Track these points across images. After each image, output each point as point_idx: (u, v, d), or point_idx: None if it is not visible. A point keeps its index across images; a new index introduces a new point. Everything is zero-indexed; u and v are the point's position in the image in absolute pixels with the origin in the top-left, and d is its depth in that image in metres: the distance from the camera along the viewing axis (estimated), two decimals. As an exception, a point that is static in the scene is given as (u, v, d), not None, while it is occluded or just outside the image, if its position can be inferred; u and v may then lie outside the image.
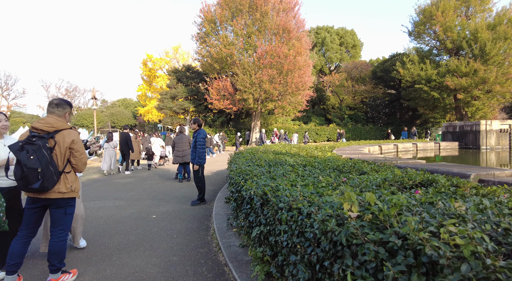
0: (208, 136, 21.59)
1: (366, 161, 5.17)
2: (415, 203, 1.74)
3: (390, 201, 1.66)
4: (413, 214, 1.47)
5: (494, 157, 13.05)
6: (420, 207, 1.60)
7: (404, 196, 1.89)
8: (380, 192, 2.46)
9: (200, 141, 6.04)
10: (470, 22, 25.38)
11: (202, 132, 6.18)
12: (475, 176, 3.47)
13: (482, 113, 25.96)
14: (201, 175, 6.15)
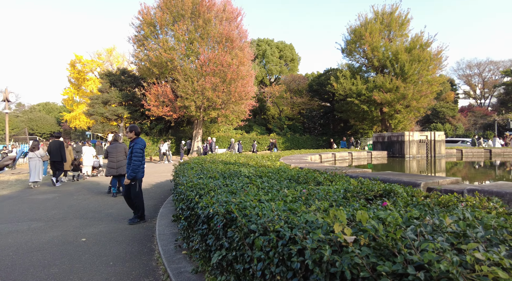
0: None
1: (317, 171, 5.15)
2: (405, 220, 1.60)
3: (385, 220, 1.48)
4: (417, 234, 1.30)
5: (415, 164, 14.59)
6: (422, 227, 1.44)
7: (387, 212, 1.75)
8: (352, 206, 2.32)
9: (137, 152, 5.28)
10: (392, 44, 28.59)
11: (140, 142, 5.41)
12: (424, 184, 3.62)
13: (403, 125, 29.25)
14: (138, 191, 5.41)
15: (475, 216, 1.77)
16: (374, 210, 2.13)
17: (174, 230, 4.39)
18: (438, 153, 16.23)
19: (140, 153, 5.31)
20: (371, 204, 2.56)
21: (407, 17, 29.42)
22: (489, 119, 43.38)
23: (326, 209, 2.00)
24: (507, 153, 16.88)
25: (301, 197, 2.59)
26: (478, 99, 64.56)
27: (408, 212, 2.04)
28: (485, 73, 63.44)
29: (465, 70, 64.39)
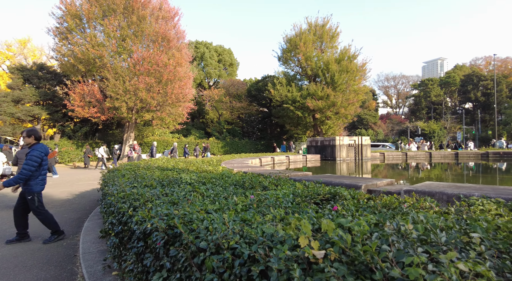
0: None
1: (262, 175, 5.04)
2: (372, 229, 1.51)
3: (352, 228, 1.36)
4: (389, 244, 1.20)
5: (345, 167, 15.71)
6: (393, 235, 1.35)
7: (346, 219, 1.66)
8: (305, 212, 2.21)
9: (32, 160, 4.39)
10: (324, 55, 30.64)
11: (40, 148, 4.51)
12: (365, 186, 3.75)
13: (333, 130, 31.44)
14: (38, 205, 4.54)
15: (426, 218, 1.78)
16: (329, 216, 2.04)
17: (102, 248, 3.82)
18: (364, 156, 17.74)
19: (36, 162, 4.43)
20: (322, 209, 2.50)
21: (337, 30, 31.88)
22: (403, 126, 49.42)
23: (283, 218, 1.84)
24: (418, 155, 19.28)
25: (253, 205, 2.40)
26: (394, 108, 73.27)
27: (362, 216, 2.00)
28: (399, 85, 72.42)
29: (383, 82, 72.59)
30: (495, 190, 2.98)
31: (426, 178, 10.31)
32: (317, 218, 1.78)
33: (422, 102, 57.02)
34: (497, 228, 1.73)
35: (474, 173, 12.10)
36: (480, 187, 3.29)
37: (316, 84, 29.80)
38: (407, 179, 10.26)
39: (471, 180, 9.75)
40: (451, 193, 2.97)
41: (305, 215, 2.03)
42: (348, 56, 30.54)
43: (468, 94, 53.03)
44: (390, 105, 74.12)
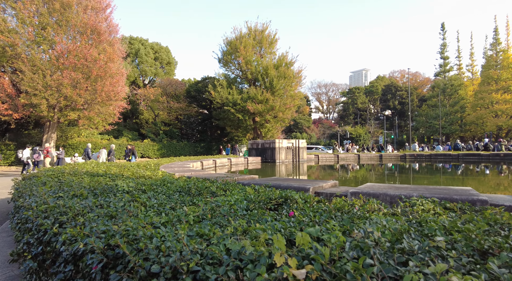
0: None
1: (208, 180, 4.80)
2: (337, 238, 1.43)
3: (328, 240, 1.26)
4: (371, 257, 1.12)
5: (284, 168, 16.20)
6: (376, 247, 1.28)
7: (314, 228, 1.57)
8: (265, 220, 2.08)
9: None
10: (263, 60, 31.35)
11: None
12: (312, 189, 3.79)
13: (271, 133, 32.32)
14: None
15: (385, 223, 1.79)
16: (290, 223, 1.94)
17: (12, 273, 3.15)
18: (301, 158, 18.54)
19: None
20: (279, 215, 2.40)
21: (275, 37, 32.97)
22: (333, 130, 53.30)
23: (246, 230, 1.67)
24: (348, 157, 20.88)
25: (206, 215, 2.18)
26: (325, 113, 78.69)
27: (322, 222, 1.95)
28: (330, 92, 78.05)
29: (316, 89, 77.45)
30: (429, 190, 3.25)
31: (363, 178, 11.14)
32: (285, 229, 1.65)
33: (350, 109, 62.31)
34: (444, 228, 1.82)
35: (399, 173, 13.51)
36: (415, 187, 3.58)
37: (256, 88, 30.31)
38: (346, 180, 10.94)
39: (398, 179, 10.83)
40: (393, 194, 3.15)
41: (265, 224, 1.90)
42: (285, 62, 31.75)
43: (388, 102, 59.70)
44: (321, 111, 79.40)
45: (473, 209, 2.58)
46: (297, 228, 1.73)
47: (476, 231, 1.54)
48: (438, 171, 13.82)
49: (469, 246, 1.30)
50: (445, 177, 11.22)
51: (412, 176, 12.10)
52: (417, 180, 10.64)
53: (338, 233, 1.30)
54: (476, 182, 9.55)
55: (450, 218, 2.32)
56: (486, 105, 41.84)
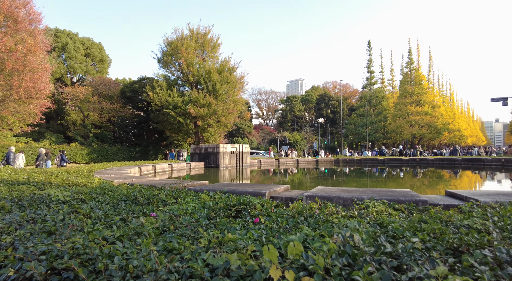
0: None
1: (154, 187, 4.45)
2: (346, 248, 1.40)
3: (320, 249, 1.20)
4: (369, 263, 1.10)
5: (228, 173, 16.09)
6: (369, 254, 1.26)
7: (296, 235, 1.51)
8: (233, 228, 1.96)
9: None
10: (205, 64, 30.91)
11: None
12: (268, 193, 3.77)
13: (213, 138, 31.93)
14: None
15: (361, 224, 1.82)
16: (263, 231, 1.86)
17: None
18: (245, 163, 18.63)
19: None
20: (245, 222, 2.30)
21: (218, 41, 32.86)
22: (273, 136, 54.99)
23: (222, 241, 1.54)
24: (288, 161, 21.68)
25: (168, 227, 1.97)
26: (265, 119, 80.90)
27: (296, 228, 1.91)
28: (269, 100, 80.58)
29: (257, 96, 79.28)
30: (376, 193, 3.48)
31: (309, 181, 11.57)
32: (267, 238, 1.56)
33: (288, 116, 65.10)
34: (408, 228, 1.93)
35: (338, 176, 14.42)
36: (363, 190, 3.80)
37: (198, 91, 29.70)
38: (294, 183, 11.25)
39: (340, 182, 11.53)
40: (346, 197, 3.29)
41: (236, 233, 1.78)
42: (228, 67, 31.80)
43: (321, 110, 63.91)
44: (262, 117, 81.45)
45: (418, 209, 2.82)
46: (273, 236, 1.66)
47: (438, 231, 1.65)
48: (371, 174, 15.16)
49: (441, 245, 1.37)
50: (380, 180, 12.34)
51: (352, 179, 13.04)
52: (357, 182, 11.49)
53: (329, 240, 1.26)
54: (405, 183, 10.69)
55: (402, 218, 2.49)
56: (403, 116, 47.55)
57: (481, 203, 2.72)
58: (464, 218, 2.16)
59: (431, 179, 12.77)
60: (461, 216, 2.26)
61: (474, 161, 18.33)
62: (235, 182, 5.79)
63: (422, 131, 45.52)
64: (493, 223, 2.01)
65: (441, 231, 1.79)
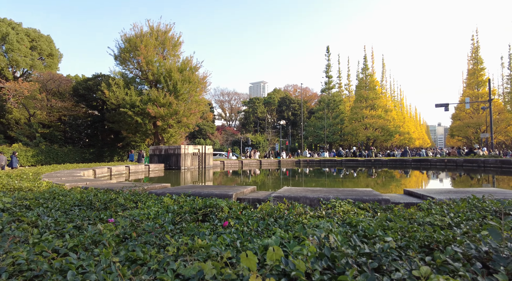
0: None
1: (111, 190, 4.14)
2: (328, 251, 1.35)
3: (300, 253, 1.15)
4: (348, 266, 1.06)
5: (189, 175, 15.68)
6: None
7: (274, 239, 1.44)
8: (202, 233, 1.84)
9: None
10: (166, 62, 29.94)
11: None
12: (235, 195, 3.68)
13: (174, 139, 31.00)
14: None
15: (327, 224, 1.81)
16: (235, 235, 1.77)
17: None
18: (207, 164, 18.31)
19: None
20: (213, 225, 2.19)
21: (179, 39, 32.05)
22: (236, 137, 54.90)
23: (192, 248, 1.42)
24: (252, 163, 21.73)
25: (130, 234, 1.80)
26: (228, 120, 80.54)
27: (268, 231, 1.84)
28: (232, 101, 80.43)
29: (219, 96, 78.69)
30: (340, 192, 3.56)
31: (274, 182, 11.62)
32: (242, 243, 1.47)
33: (251, 117, 65.47)
34: (377, 227, 1.96)
35: (301, 176, 14.70)
36: (328, 190, 3.87)
37: (158, 90, 28.65)
38: (259, 184, 11.21)
39: (304, 181, 11.74)
40: (313, 197, 3.31)
41: (205, 238, 1.68)
42: (190, 67, 31.11)
43: (283, 113, 65.19)
44: (224, 118, 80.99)
45: (381, 208, 2.92)
46: (246, 240, 1.58)
47: (410, 229, 1.69)
48: (332, 174, 15.70)
49: (413, 243, 1.39)
50: (341, 180, 12.81)
51: (315, 179, 13.37)
52: (320, 182, 11.80)
53: (308, 242, 1.22)
54: (365, 182, 11.19)
55: (369, 217, 2.55)
56: (359, 119, 50.14)
57: (437, 201, 2.89)
58: (425, 216, 2.26)
59: (389, 178, 13.57)
60: (422, 214, 2.36)
61: (422, 161, 19.86)
62: (199, 184, 5.63)
63: (376, 133, 48.35)
64: (450, 219, 2.13)
65: (412, 229, 1.84)
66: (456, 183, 11.21)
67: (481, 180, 11.99)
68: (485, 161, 16.17)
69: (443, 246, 1.33)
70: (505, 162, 15.30)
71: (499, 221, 1.60)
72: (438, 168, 17.96)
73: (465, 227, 1.95)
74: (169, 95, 28.18)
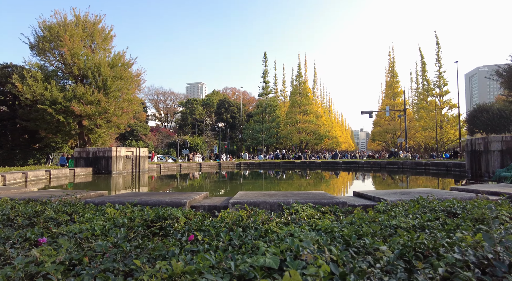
0: None
1: (35, 201, 3.47)
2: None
3: (316, 276, 1.00)
4: None
5: (121, 180, 14.42)
6: None
7: (271, 258, 1.27)
8: (173, 253, 1.57)
9: None
10: (95, 56, 27.27)
11: None
12: (189, 203, 3.38)
13: (103, 140, 28.35)
14: None
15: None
16: (211, 252, 1.55)
17: None
18: (142, 168, 17.09)
19: None
20: (173, 239, 1.91)
21: (111, 33, 29.60)
22: (172, 139, 52.73)
23: (173, 276, 1.16)
24: (191, 166, 21.02)
25: (80, 259, 1.44)
26: (163, 121, 77.03)
27: (247, 245, 1.66)
28: (168, 101, 77.27)
29: (154, 96, 74.82)
30: (298, 196, 3.54)
31: (222, 186, 11.25)
32: (238, 266, 1.26)
33: (188, 119, 63.70)
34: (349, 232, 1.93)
35: (246, 179, 14.62)
36: (285, 193, 3.83)
37: (85, 86, 25.90)
38: (209, 189, 10.74)
39: (253, 184, 11.64)
40: (273, 201, 3.22)
41: (179, 259, 1.43)
42: (122, 62, 28.90)
43: (222, 115, 64.94)
44: (159, 119, 77.28)
45: (341, 211, 2.96)
46: (231, 258, 1.38)
47: (384, 233, 1.68)
48: (275, 176, 15.99)
49: (406, 251, 1.37)
50: (286, 181, 13.08)
51: (263, 181, 13.41)
52: (270, 184, 11.87)
53: (322, 262, 1.08)
54: (311, 184, 11.61)
55: (334, 221, 2.54)
56: (293, 124, 52.61)
57: (389, 202, 3.05)
58: (389, 219, 2.33)
59: (332, 179, 14.40)
60: (385, 217, 2.44)
61: (351, 163, 21.64)
62: (143, 191, 5.11)
63: (308, 137, 51.28)
64: (412, 221, 2.22)
65: (386, 233, 1.84)
66: (394, 184, 12.36)
67: (411, 180, 13.46)
68: (404, 163, 18.36)
69: (435, 253, 1.33)
70: (418, 164, 17.60)
71: (488, 225, 1.68)
72: (365, 170, 19.76)
73: (430, 229, 2.03)
74: (98, 92, 25.69)
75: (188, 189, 11.34)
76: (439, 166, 15.92)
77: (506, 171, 8.19)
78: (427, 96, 47.54)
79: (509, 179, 7.94)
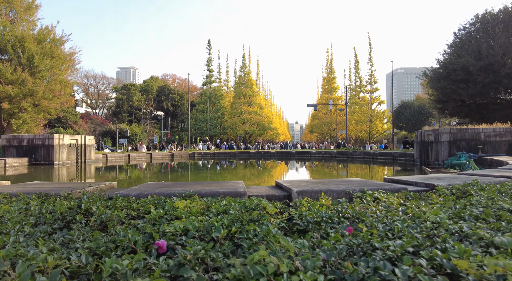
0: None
1: (59, 196, 2.80)
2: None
3: None
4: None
5: (65, 172, 12.72)
6: None
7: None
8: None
9: None
10: (14, 27, 23.19)
11: None
12: (247, 192, 3.10)
13: (28, 127, 24.54)
14: None
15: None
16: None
17: None
18: (88, 158, 15.32)
19: None
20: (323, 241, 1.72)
21: (36, 2, 25.48)
22: (106, 127, 48.29)
23: None
24: (140, 156, 19.56)
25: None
26: (94, 108, 69.98)
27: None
28: (100, 85, 70.31)
29: (83, 79, 67.17)
30: (346, 183, 3.52)
31: (193, 177, 10.60)
32: None
33: (124, 105, 58.90)
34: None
35: (204, 169, 14.09)
36: (329, 181, 3.77)
37: (4, 63, 21.95)
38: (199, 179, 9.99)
39: (220, 174, 11.23)
40: (339, 189, 3.15)
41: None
42: (53, 38, 25.18)
43: (162, 103, 61.59)
44: (90, 105, 70.06)
45: (411, 196, 3.02)
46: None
47: None
48: (252, 165, 15.76)
49: None
50: (249, 171, 12.97)
51: (226, 171, 13.05)
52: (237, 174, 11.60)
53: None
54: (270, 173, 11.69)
55: (428, 206, 2.57)
56: (238, 114, 52.68)
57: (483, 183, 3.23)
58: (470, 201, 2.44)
59: (316, 167, 14.72)
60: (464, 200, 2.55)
61: (304, 153, 22.59)
62: (180, 181, 4.45)
63: (252, 128, 51.96)
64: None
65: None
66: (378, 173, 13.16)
67: (377, 168, 14.54)
68: (353, 152, 19.88)
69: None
70: (367, 153, 19.27)
71: None
72: (317, 159, 20.86)
73: None
74: (22, 70, 21.97)
75: (182, 179, 10.42)
76: (386, 155, 17.64)
77: (455, 159, 9.47)
78: (359, 92, 51.87)
79: (458, 166, 9.18)
